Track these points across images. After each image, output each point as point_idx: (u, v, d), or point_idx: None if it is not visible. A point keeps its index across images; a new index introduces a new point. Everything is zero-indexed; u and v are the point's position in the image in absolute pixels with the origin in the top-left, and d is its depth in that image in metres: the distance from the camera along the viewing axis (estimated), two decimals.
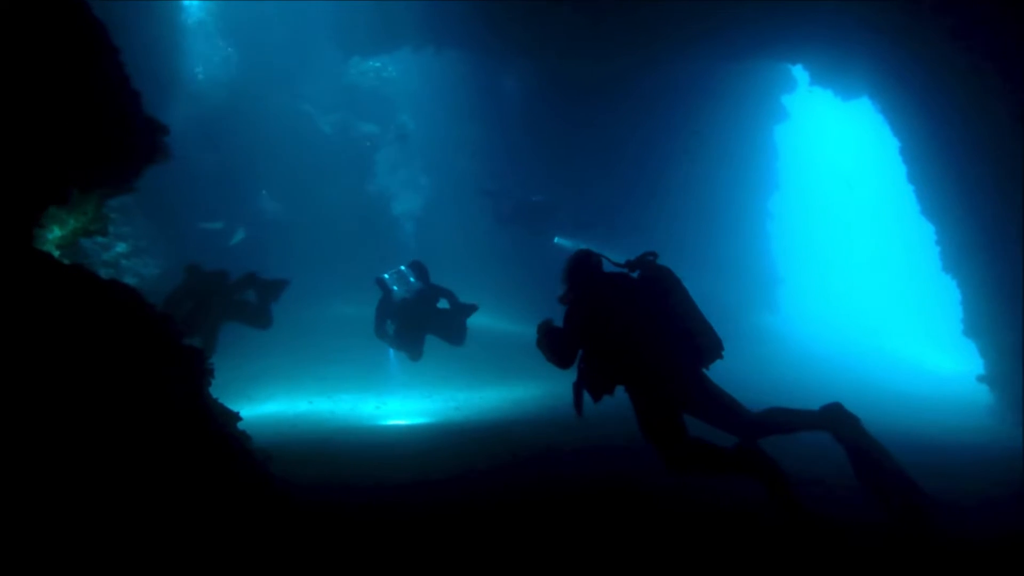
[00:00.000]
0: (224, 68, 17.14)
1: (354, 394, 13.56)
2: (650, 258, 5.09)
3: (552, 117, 17.91)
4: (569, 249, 5.55)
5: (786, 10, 11.74)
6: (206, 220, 15.45)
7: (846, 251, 45.23)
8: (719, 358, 4.90)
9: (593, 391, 4.89)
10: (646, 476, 6.06)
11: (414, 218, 18.71)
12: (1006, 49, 8.00)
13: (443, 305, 9.69)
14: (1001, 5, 7.94)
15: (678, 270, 5.18)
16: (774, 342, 20.07)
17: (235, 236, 16.04)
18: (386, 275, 9.62)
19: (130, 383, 4.21)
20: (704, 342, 4.87)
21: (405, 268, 9.69)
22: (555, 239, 16.02)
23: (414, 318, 9.42)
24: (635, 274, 5.12)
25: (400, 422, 10.80)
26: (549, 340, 5.05)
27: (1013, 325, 9.19)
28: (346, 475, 6.66)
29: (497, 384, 13.78)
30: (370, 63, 20.28)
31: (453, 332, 9.64)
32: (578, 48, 14.61)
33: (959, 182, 10.02)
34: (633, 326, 4.84)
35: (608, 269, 5.24)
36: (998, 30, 8.09)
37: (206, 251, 13.14)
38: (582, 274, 5.16)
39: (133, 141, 5.85)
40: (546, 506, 5.62)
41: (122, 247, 12.70)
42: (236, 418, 5.54)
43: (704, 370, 4.93)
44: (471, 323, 10.07)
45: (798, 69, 18.15)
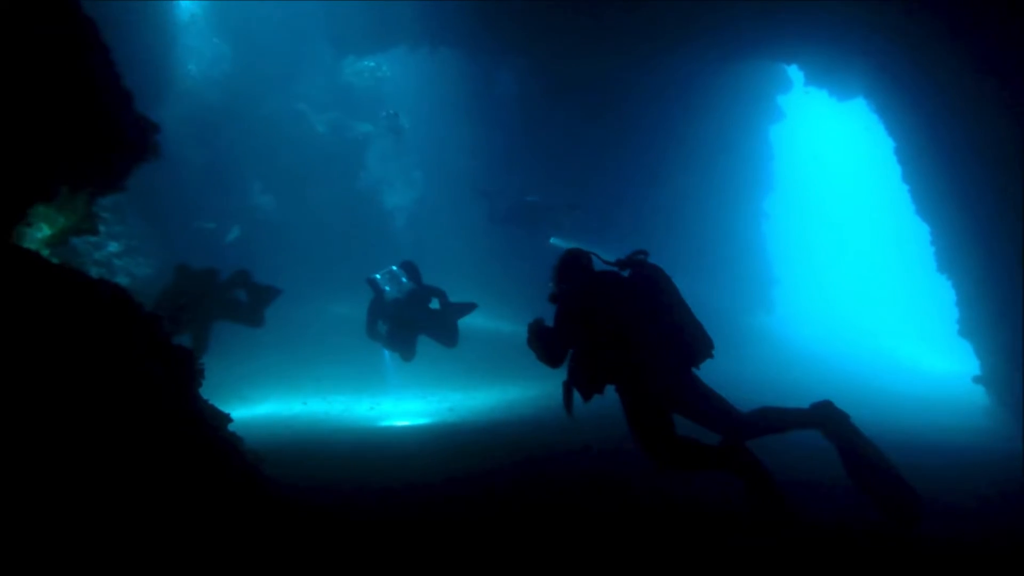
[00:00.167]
0: (217, 64, 17.05)
1: (348, 395, 13.52)
2: (640, 257, 5.06)
3: (547, 117, 17.88)
4: (563, 249, 5.52)
5: (781, 10, 11.73)
6: (199, 219, 15.38)
7: (841, 251, 45.33)
8: (709, 357, 4.89)
9: (583, 390, 4.87)
10: (639, 477, 6.04)
11: (406, 212, 18.66)
12: (1001, 50, 7.99)
13: (435, 306, 9.65)
14: (996, 6, 7.93)
15: (673, 270, 5.16)
16: (769, 342, 20.09)
17: (230, 234, 15.97)
18: (377, 275, 9.58)
19: (118, 384, 4.15)
20: (694, 341, 4.85)
21: (396, 268, 9.64)
22: (551, 239, 15.98)
23: (406, 318, 9.38)
24: (626, 273, 5.09)
25: (394, 423, 10.76)
26: (540, 339, 5.02)
27: (1008, 325, 9.17)
28: (339, 476, 6.61)
29: (491, 385, 13.75)
30: (365, 62, 20.23)
31: (445, 333, 9.60)
32: (573, 47, 14.60)
33: (954, 183, 10.00)
34: (624, 325, 4.81)
35: (599, 268, 5.22)
36: (993, 31, 8.07)
37: (200, 250, 13.11)
38: (573, 273, 5.13)
39: (123, 139, 5.81)
40: (539, 507, 5.59)
41: (114, 246, 12.63)
42: (227, 419, 5.48)
43: (695, 369, 4.90)
44: (465, 324, 10.03)
45: (793, 69, 18.16)
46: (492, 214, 16.64)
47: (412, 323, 9.45)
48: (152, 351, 4.69)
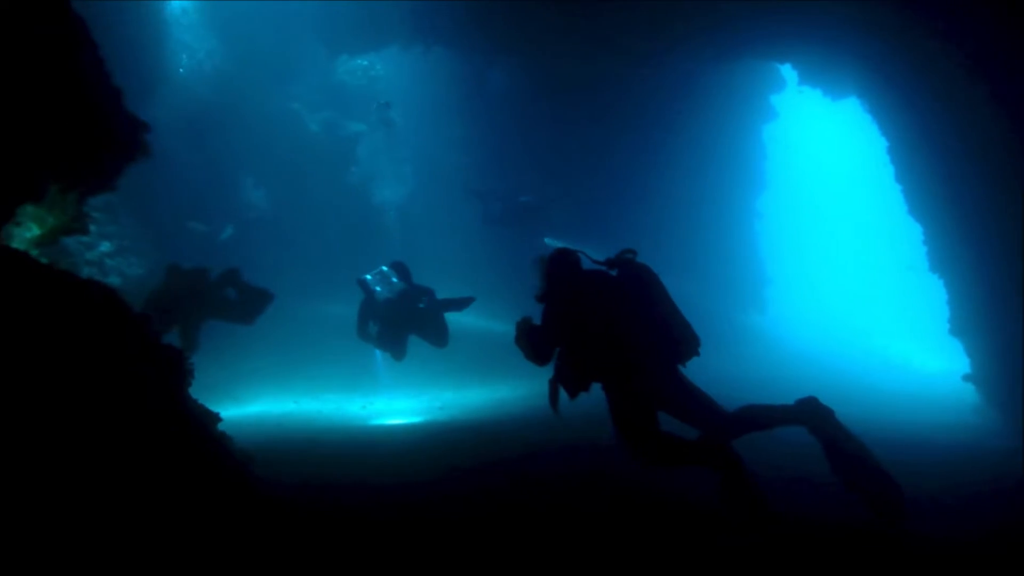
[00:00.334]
0: (209, 59, 16.97)
1: (340, 394, 13.50)
2: (629, 255, 5.07)
3: (540, 116, 17.86)
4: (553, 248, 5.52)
5: (775, 9, 11.72)
6: (192, 219, 15.32)
7: (834, 251, 45.43)
8: (696, 355, 4.90)
9: (570, 388, 4.88)
10: (627, 474, 6.04)
11: (396, 206, 18.63)
12: (994, 50, 8.01)
13: (424, 306, 9.64)
14: (989, 6, 7.94)
15: (667, 269, 5.17)
16: (762, 341, 20.13)
17: (223, 233, 15.91)
18: (368, 276, 9.56)
19: (106, 385, 4.14)
20: (682, 339, 4.86)
21: (387, 268, 9.64)
22: (545, 239, 15.97)
23: (397, 318, 9.37)
24: (614, 272, 5.10)
25: (386, 422, 10.75)
26: (527, 337, 5.03)
27: (999, 324, 9.20)
28: (329, 475, 6.60)
29: (483, 384, 13.74)
30: (358, 61, 20.19)
31: (435, 333, 9.59)
32: (566, 47, 14.57)
33: (946, 182, 10.02)
34: (611, 323, 4.82)
35: (587, 266, 5.23)
36: (986, 31, 8.09)
37: (193, 249, 13.07)
38: (560, 271, 5.14)
39: (114, 138, 5.79)
40: (527, 505, 5.59)
41: (106, 246, 12.59)
42: (216, 419, 5.47)
43: (681, 367, 4.91)
44: (457, 323, 10.02)
45: (787, 68, 18.16)
46: (486, 215, 16.61)
47: (403, 323, 9.44)
48: (142, 351, 4.68)
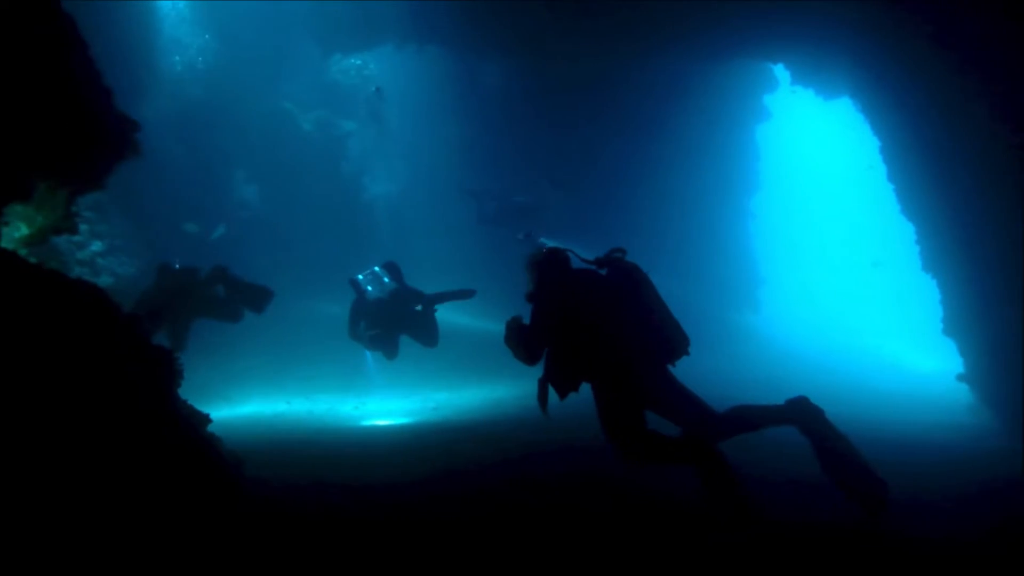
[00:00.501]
0: (201, 58, 16.89)
1: (333, 394, 13.45)
2: (618, 255, 5.06)
3: (534, 116, 17.83)
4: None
5: (767, 9, 11.73)
6: (185, 221, 15.24)
7: (828, 251, 45.49)
8: (686, 355, 4.89)
9: (559, 388, 4.86)
10: (618, 474, 6.02)
11: (387, 202, 18.59)
12: (986, 50, 8.01)
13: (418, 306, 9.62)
14: (980, 5, 7.95)
15: (660, 269, 5.16)
16: (756, 341, 20.14)
17: (215, 232, 15.84)
18: (360, 276, 9.54)
19: (94, 385, 4.10)
20: (671, 339, 4.84)
21: (379, 269, 9.62)
22: (540, 239, 15.93)
23: (388, 318, 9.34)
24: (603, 271, 5.09)
25: (378, 422, 10.72)
26: (517, 337, 5.00)
27: (992, 324, 9.21)
28: (320, 475, 6.56)
29: (477, 384, 13.71)
30: (351, 60, 20.13)
31: (426, 332, 9.57)
32: (560, 47, 14.55)
33: (938, 182, 10.03)
34: (600, 322, 4.80)
35: (577, 266, 5.22)
36: (977, 31, 8.10)
37: (184, 249, 13.00)
38: (550, 271, 5.12)
39: (103, 137, 5.75)
40: (519, 505, 5.57)
41: (97, 246, 12.53)
42: (206, 420, 5.43)
43: (671, 367, 4.90)
44: (451, 323, 9.99)
45: (779, 68, 18.19)
46: (480, 215, 16.58)
47: (394, 323, 9.41)
48: (131, 352, 4.64)
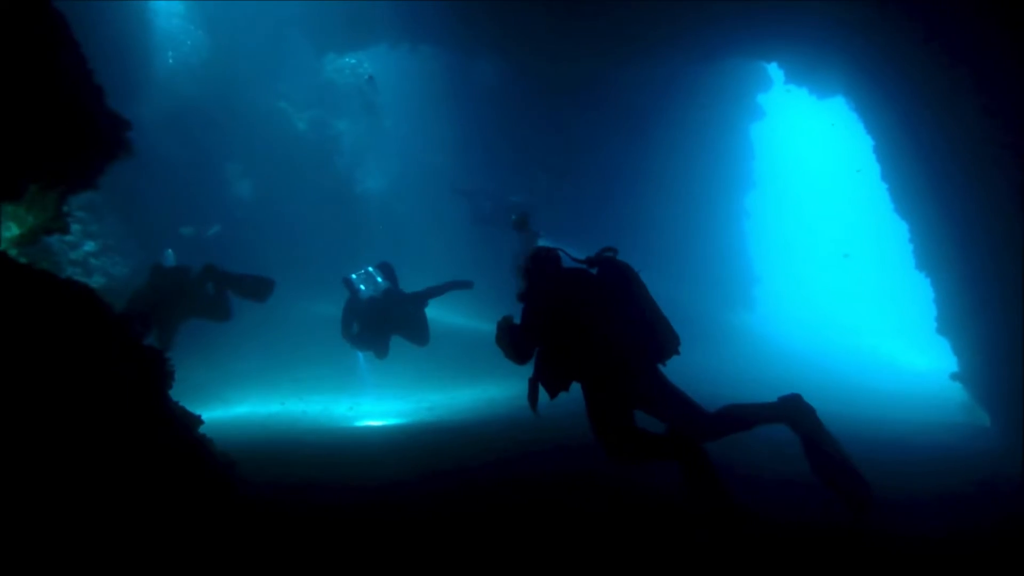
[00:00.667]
0: (195, 55, 16.81)
1: (328, 395, 13.42)
2: (609, 254, 5.05)
3: (528, 115, 17.84)
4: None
5: (761, 9, 11.74)
6: (179, 220, 15.17)
7: (822, 249, 45.57)
8: (676, 354, 4.89)
9: (549, 387, 4.86)
10: (617, 474, 6.01)
11: (380, 197, 18.57)
12: (977, 49, 8.02)
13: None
14: (972, 5, 7.96)
15: (655, 268, 5.15)
16: (750, 340, 20.17)
17: (209, 231, 15.78)
18: (353, 275, 9.55)
19: (83, 386, 4.07)
20: (661, 338, 4.83)
21: (373, 269, 9.62)
22: (537, 240, 15.93)
23: (380, 317, 9.34)
24: (594, 270, 5.08)
25: (372, 423, 10.70)
26: (508, 336, 5.00)
27: (986, 323, 9.22)
28: (313, 476, 6.56)
29: (471, 384, 13.68)
30: (346, 59, 20.10)
31: (417, 332, 9.57)
32: (554, 46, 14.56)
33: (931, 180, 10.04)
34: (590, 322, 4.80)
35: (568, 265, 5.22)
36: (969, 30, 8.11)
37: (179, 249, 12.96)
38: (540, 270, 5.12)
39: (95, 137, 5.72)
40: (512, 504, 5.58)
41: (90, 246, 12.47)
42: (198, 422, 5.41)
43: (661, 366, 4.89)
44: (447, 323, 9.98)
45: (773, 67, 18.21)
46: (475, 214, 16.55)
47: (386, 321, 9.41)
48: (121, 352, 4.61)
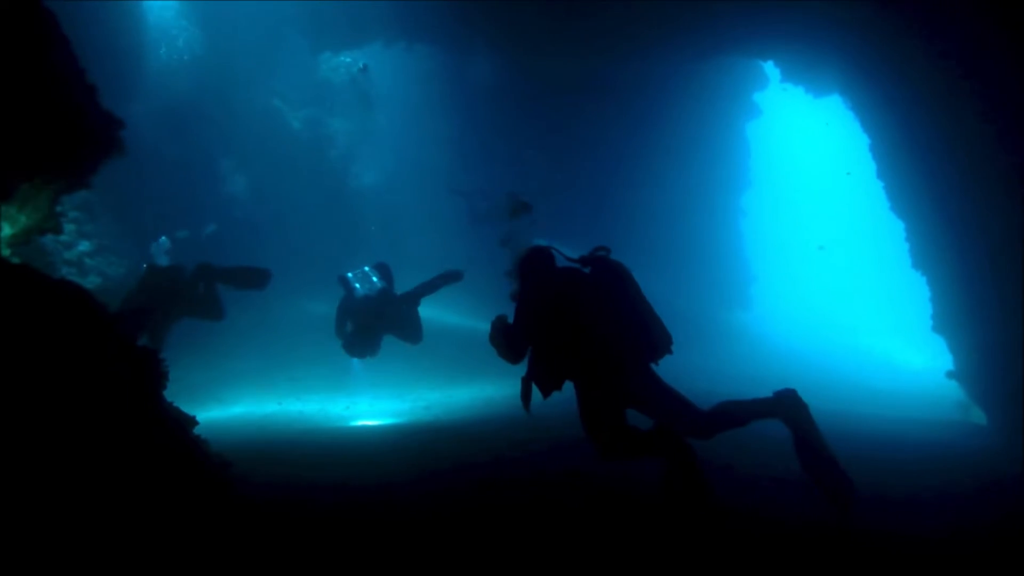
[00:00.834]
0: (188, 51, 16.74)
1: (324, 395, 13.40)
2: (602, 253, 5.05)
3: (525, 114, 17.83)
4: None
5: (757, 8, 11.73)
6: (174, 222, 15.11)
7: (818, 248, 45.58)
8: (668, 353, 4.89)
9: (542, 387, 4.85)
10: (611, 472, 6.01)
11: (376, 197, 18.55)
12: (973, 47, 8.03)
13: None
14: (970, 4, 7.96)
15: (652, 267, 5.14)
16: (747, 339, 20.19)
17: (205, 230, 15.73)
18: (349, 274, 9.54)
19: (76, 387, 4.05)
20: (654, 337, 4.83)
21: (369, 268, 9.62)
22: (534, 239, 15.89)
23: (373, 316, 9.33)
24: (587, 269, 5.08)
25: (369, 422, 10.68)
26: (501, 335, 4.99)
27: (982, 321, 9.23)
28: (309, 476, 6.54)
29: (468, 383, 13.67)
30: (341, 58, 20.05)
31: (409, 330, 9.57)
32: (549, 45, 14.55)
33: (927, 179, 10.05)
34: (583, 321, 4.79)
35: (562, 264, 5.22)
36: (965, 28, 8.11)
37: (176, 249, 12.92)
38: (533, 269, 5.11)
39: (87, 136, 5.69)
40: (510, 503, 5.56)
41: (85, 245, 12.43)
42: (192, 422, 5.38)
43: (654, 365, 4.89)
44: (443, 323, 9.97)
45: (769, 66, 18.22)
46: (472, 213, 16.53)
47: (380, 320, 9.40)
48: (115, 353, 4.59)
